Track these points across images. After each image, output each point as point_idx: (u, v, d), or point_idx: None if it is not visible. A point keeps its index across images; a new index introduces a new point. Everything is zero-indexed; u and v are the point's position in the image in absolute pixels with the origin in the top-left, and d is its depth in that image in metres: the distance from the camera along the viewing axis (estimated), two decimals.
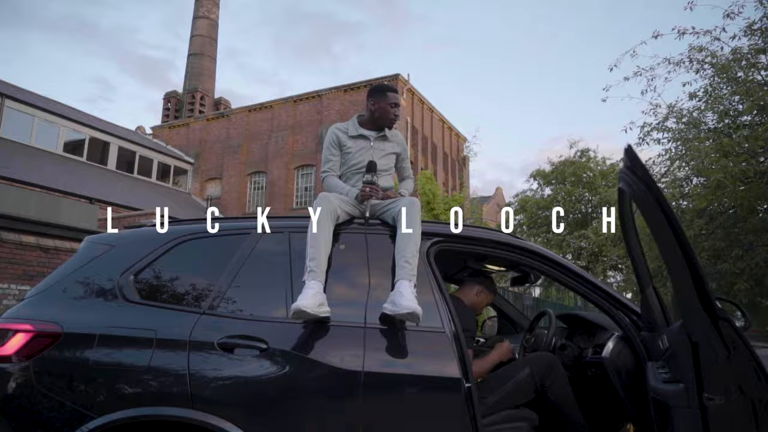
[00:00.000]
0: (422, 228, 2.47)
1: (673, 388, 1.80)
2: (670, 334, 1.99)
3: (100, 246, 2.51)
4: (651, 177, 1.79)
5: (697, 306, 1.67)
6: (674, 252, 1.71)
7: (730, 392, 1.74)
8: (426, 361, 2.23)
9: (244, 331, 2.18)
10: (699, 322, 1.68)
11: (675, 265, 1.74)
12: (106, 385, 2.08)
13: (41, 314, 2.25)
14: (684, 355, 1.78)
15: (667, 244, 1.74)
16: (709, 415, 1.73)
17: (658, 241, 1.84)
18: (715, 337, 1.69)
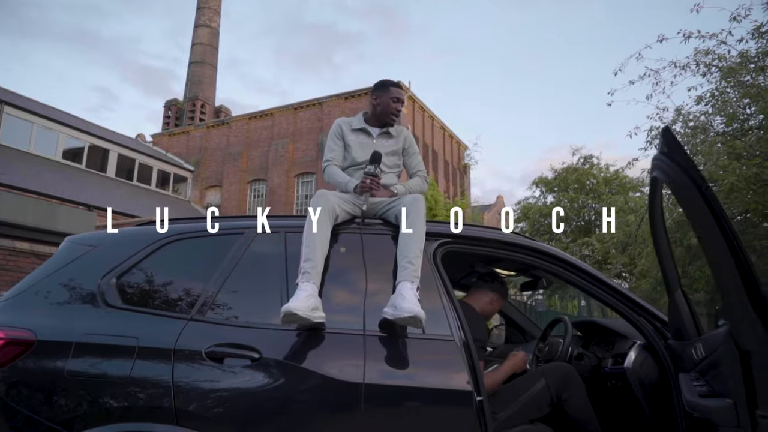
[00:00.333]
0: (429, 228, 2.29)
1: (717, 404, 1.60)
2: (709, 341, 1.79)
3: (81, 247, 2.32)
4: (693, 163, 1.60)
5: (747, 308, 1.48)
6: (720, 247, 1.52)
7: None
8: (433, 372, 2.04)
9: (234, 339, 2.00)
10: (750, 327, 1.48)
11: (721, 262, 1.54)
12: (82, 399, 1.89)
13: (14, 320, 2.06)
14: (730, 365, 1.58)
15: (711, 238, 1.55)
16: None
17: (701, 234, 1.65)
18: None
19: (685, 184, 1.58)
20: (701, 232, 1.64)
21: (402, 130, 2.89)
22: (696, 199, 1.56)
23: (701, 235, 1.66)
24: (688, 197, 1.61)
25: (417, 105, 25.45)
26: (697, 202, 1.55)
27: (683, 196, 1.65)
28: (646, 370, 2.30)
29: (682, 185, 1.61)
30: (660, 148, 1.75)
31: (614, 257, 11.48)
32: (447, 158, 28.98)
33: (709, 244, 1.59)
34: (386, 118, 2.79)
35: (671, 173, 1.65)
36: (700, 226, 1.62)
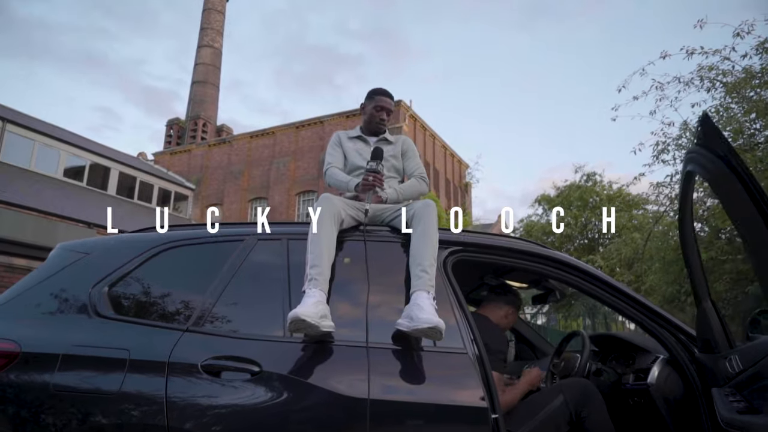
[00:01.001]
0: (439, 236, 2.17)
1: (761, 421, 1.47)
2: (747, 353, 1.65)
3: (72, 254, 2.20)
4: (736, 154, 1.48)
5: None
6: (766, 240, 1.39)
7: None
8: (445, 387, 1.91)
9: (233, 351, 1.86)
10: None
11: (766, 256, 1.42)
12: (69, 415, 1.75)
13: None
14: None
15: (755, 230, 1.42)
16: None
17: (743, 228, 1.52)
18: None
19: (725, 174, 1.46)
20: (743, 225, 1.51)
21: (401, 137, 2.83)
22: (737, 190, 1.43)
23: (742, 229, 1.54)
24: (730, 191, 1.49)
25: (418, 124, 25.50)
26: (739, 193, 1.43)
27: (723, 188, 1.53)
28: (671, 385, 2.16)
29: (722, 178, 1.49)
30: (696, 139, 1.64)
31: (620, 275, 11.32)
32: (448, 177, 28.97)
33: (753, 236, 1.46)
34: (372, 127, 2.77)
35: (708, 165, 1.53)
36: (742, 219, 1.50)
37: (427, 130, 26.49)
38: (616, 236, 13.31)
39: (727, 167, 1.45)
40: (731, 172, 1.44)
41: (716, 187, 1.58)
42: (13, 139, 19.85)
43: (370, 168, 2.43)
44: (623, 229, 13.47)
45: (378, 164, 2.43)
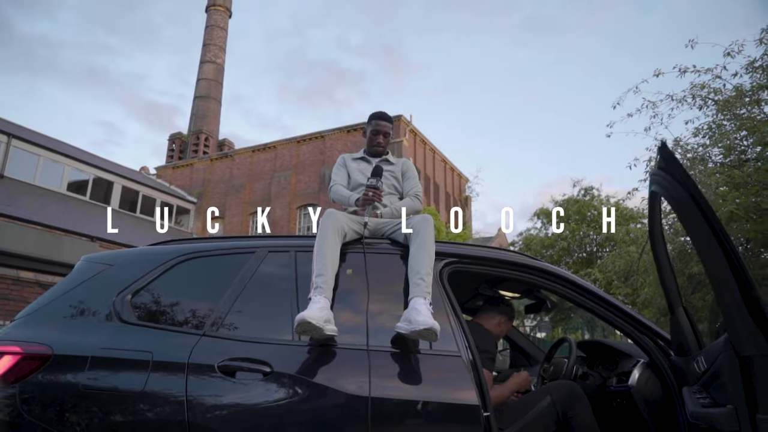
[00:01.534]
0: (436, 248, 2.36)
1: (719, 412, 1.64)
2: (709, 353, 1.83)
3: (96, 265, 2.39)
4: (689, 177, 1.68)
5: (744, 315, 1.53)
6: (718, 256, 1.58)
7: None
8: (440, 387, 2.07)
9: (247, 353, 2.04)
10: (748, 333, 1.54)
11: (719, 271, 1.61)
12: (97, 413, 1.92)
13: (31, 335, 2.11)
14: (731, 372, 1.63)
15: (709, 248, 1.61)
16: None
17: (699, 245, 1.71)
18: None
19: (683, 197, 1.66)
20: (699, 243, 1.70)
21: (402, 159, 3.04)
22: (693, 212, 1.63)
23: (699, 247, 1.73)
24: (685, 210, 1.68)
25: (418, 138, 25.78)
26: (695, 215, 1.62)
27: (681, 209, 1.72)
28: (651, 387, 2.33)
29: (679, 198, 1.69)
30: (657, 163, 1.84)
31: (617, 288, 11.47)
32: (448, 190, 29.19)
33: (707, 254, 1.65)
34: (371, 149, 2.99)
35: (669, 187, 1.73)
36: (697, 238, 1.69)
37: (427, 144, 26.76)
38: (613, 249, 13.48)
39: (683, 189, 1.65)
40: (687, 194, 1.63)
41: (676, 208, 1.77)
42: (18, 154, 20.10)
43: (370, 184, 2.62)
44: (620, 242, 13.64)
45: (378, 181, 2.62)
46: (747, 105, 8.28)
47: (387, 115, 3.01)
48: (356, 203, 2.66)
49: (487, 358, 2.46)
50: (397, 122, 23.98)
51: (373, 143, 2.96)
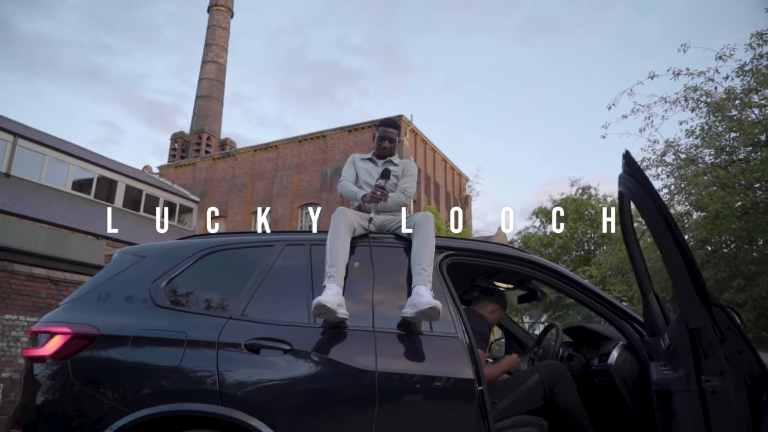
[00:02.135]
0: (436, 242, 2.63)
1: (674, 375, 1.92)
2: (670, 330, 2.11)
3: (132, 257, 2.67)
4: (648, 179, 1.96)
5: (692, 295, 1.81)
6: (671, 246, 1.87)
7: (725, 373, 1.86)
8: (439, 363, 2.34)
9: (269, 334, 2.32)
10: (695, 309, 1.82)
11: (672, 259, 1.89)
12: (140, 383, 2.20)
13: (78, 318, 2.39)
14: (683, 343, 1.91)
15: (664, 239, 1.90)
16: (706, 397, 1.85)
17: (656, 237, 2.00)
18: (710, 323, 1.83)
19: (643, 196, 1.95)
20: (656, 234, 1.99)
21: (405, 160, 3.31)
22: (651, 208, 1.91)
23: (656, 237, 2.01)
24: (645, 207, 1.97)
25: (419, 138, 26.04)
26: (653, 210, 1.91)
27: (641, 206, 2.01)
28: (628, 366, 2.60)
29: (640, 198, 1.97)
30: (623, 168, 2.12)
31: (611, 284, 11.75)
32: (449, 190, 29.45)
33: (663, 244, 1.94)
34: (378, 152, 3.26)
35: (632, 188, 2.01)
36: (655, 230, 1.97)
37: (427, 143, 27.02)
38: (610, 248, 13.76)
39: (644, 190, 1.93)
40: (646, 194, 1.92)
41: (637, 204, 2.06)
42: (23, 154, 20.39)
43: (379, 184, 2.89)
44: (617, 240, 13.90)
45: (386, 182, 2.90)
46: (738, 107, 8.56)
47: (394, 122, 3.29)
48: (363, 199, 2.92)
49: (481, 340, 2.74)
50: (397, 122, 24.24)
51: (380, 147, 3.23)
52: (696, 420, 1.93)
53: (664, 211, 1.86)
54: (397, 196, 3.07)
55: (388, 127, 3.25)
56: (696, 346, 1.86)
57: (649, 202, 1.90)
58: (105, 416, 2.14)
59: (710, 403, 1.88)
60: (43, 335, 2.36)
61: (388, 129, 3.24)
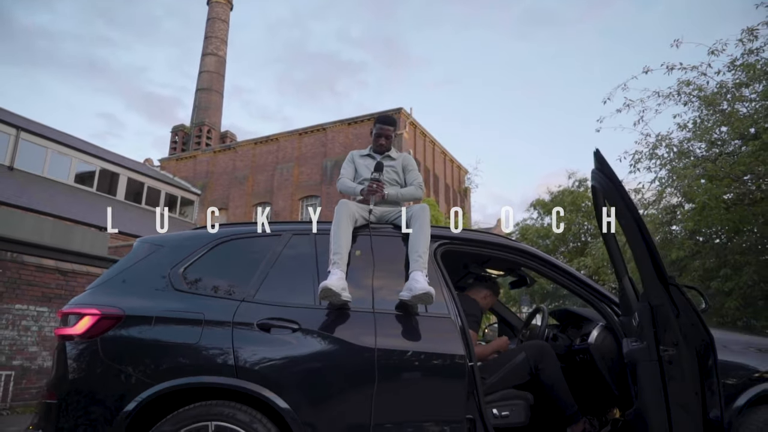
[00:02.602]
0: (431, 231, 2.86)
1: (638, 347, 2.17)
2: (639, 311, 2.36)
3: (151, 246, 2.90)
4: (615, 175, 2.20)
5: (653, 276, 2.05)
6: (635, 233, 2.11)
7: (679, 344, 2.11)
8: (434, 341, 2.58)
9: (278, 314, 2.55)
10: (655, 288, 2.06)
11: (636, 244, 2.13)
12: (162, 358, 2.44)
13: (105, 300, 2.62)
14: (645, 318, 2.16)
15: (629, 227, 2.14)
16: (664, 364, 2.10)
17: (623, 225, 2.24)
18: (668, 300, 2.08)
19: (611, 189, 2.18)
20: (623, 223, 2.22)
21: (402, 154, 3.52)
22: (618, 200, 2.15)
23: (623, 226, 2.25)
24: (614, 199, 2.20)
25: (418, 131, 26.23)
26: (620, 202, 2.14)
27: (611, 198, 2.25)
28: (606, 344, 2.85)
29: (610, 190, 2.21)
30: (595, 165, 2.36)
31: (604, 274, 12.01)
32: (448, 182, 29.67)
33: (629, 232, 2.18)
34: (375, 147, 3.48)
35: (603, 183, 2.25)
36: (622, 219, 2.21)
37: (426, 136, 27.21)
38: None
39: (613, 186, 2.17)
40: (614, 187, 2.16)
41: (606, 196, 2.30)
42: (26, 147, 20.59)
43: (373, 178, 3.12)
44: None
45: (380, 175, 3.13)
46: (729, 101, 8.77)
47: (390, 119, 3.50)
48: (361, 193, 3.15)
49: (473, 321, 2.98)
50: (396, 115, 24.44)
51: (377, 143, 3.46)
52: (655, 384, 2.19)
53: (629, 203, 2.09)
54: (415, 190, 3.35)
55: (385, 124, 3.46)
56: (656, 321, 2.11)
57: (617, 195, 2.14)
58: (131, 388, 2.37)
59: (667, 370, 2.13)
60: (73, 316, 2.59)
61: (385, 126, 3.46)
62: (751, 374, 2.58)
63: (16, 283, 8.80)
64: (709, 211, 6.86)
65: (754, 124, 7.80)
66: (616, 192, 2.15)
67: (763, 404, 2.53)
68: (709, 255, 7.99)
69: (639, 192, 9.33)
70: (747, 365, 2.61)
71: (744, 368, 2.60)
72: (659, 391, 2.14)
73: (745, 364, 2.62)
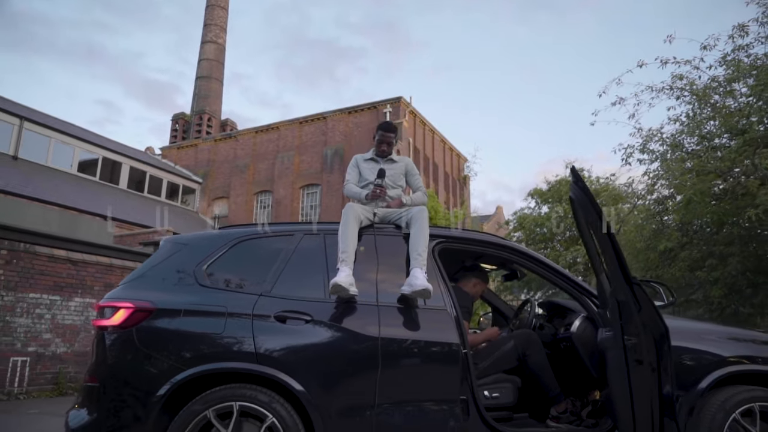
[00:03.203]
0: (429, 231, 3.17)
1: (607, 336, 2.50)
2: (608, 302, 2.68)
3: (177, 245, 3.21)
4: (588, 188, 2.51)
5: (619, 276, 2.37)
6: (605, 239, 2.42)
7: (640, 334, 2.44)
8: (431, 331, 2.90)
9: (293, 307, 2.86)
10: (621, 286, 2.38)
11: (606, 248, 2.45)
12: (192, 346, 2.75)
13: (137, 295, 2.93)
14: (613, 312, 2.48)
15: (600, 234, 2.46)
16: (627, 351, 2.44)
17: (595, 232, 2.56)
18: (631, 296, 2.40)
19: (584, 199, 2.49)
20: (594, 229, 2.54)
21: (404, 158, 3.82)
22: (591, 211, 2.46)
23: (594, 232, 2.56)
24: (586, 208, 2.52)
25: (418, 119, 26.45)
26: (592, 212, 2.46)
27: (584, 208, 2.56)
28: (587, 333, 3.17)
29: (583, 201, 2.52)
30: (572, 179, 2.67)
31: None
32: (447, 170, 29.94)
33: (599, 236, 2.49)
34: (378, 152, 3.78)
35: (578, 194, 2.56)
36: (593, 227, 2.52)
37: (426, 125, 27.43)
38: None
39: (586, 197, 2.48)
40: (587, 199, 2.47)
41: (582, 208, 2.61)
42: (30, 137, 20.81)
43: (377, 183, 3.43)
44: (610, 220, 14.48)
45: (382, 181, 3.43)
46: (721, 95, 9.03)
47: (391, 126, 3.79)
48: (366, 197, 3.45)
49: (465, 312, 3.29)
50: (396, 104, 24.68)
51: (379, 148, 3.75)
52: (620, 368, 2.53)
53: (600, 213, 2.41)
54: (423, 196, 3.73)
55: (386, 131, 3.76)
56: (621, 314, 2.43)
57: (589, 206, 2.45)
58: (164, 372, 2.69)
59: (630, 356, 2.47)
60: (109, 309, 2.90)
61: (386, 133, 3.76)
62: (715, 360, 2.91)
63: (30, 273, 9.11)
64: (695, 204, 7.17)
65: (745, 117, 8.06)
66: (589, 204, 2.47)
67: (723, 386, 2.86)
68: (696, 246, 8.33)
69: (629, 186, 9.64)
70: (713, 352, 2.94)
71: (711, 354, 2.92)
72: (624, 373, 2.49)
73: (711, 351, 2.94)
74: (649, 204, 9.23)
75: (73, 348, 9.57)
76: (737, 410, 2.75)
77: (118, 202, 21.90)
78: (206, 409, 2.62)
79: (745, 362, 2.92)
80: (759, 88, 7.80)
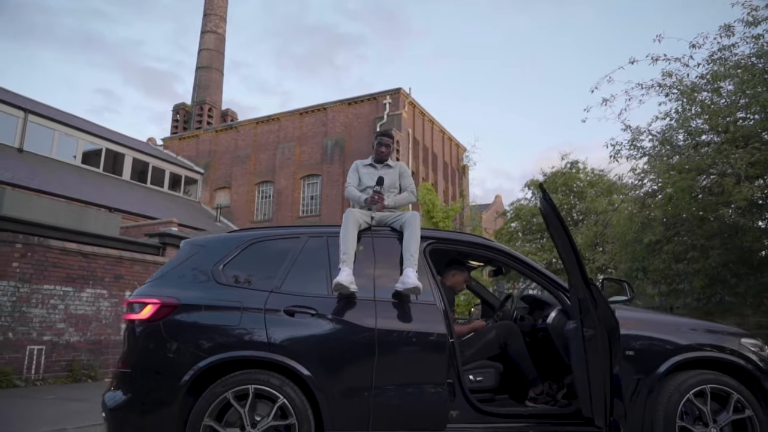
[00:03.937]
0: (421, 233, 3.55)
1: (570, 327, 2.91)
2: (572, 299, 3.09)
3: (195, 246, 3.59)
4: (554, 202, 2.92)
5: (578, 277, 2.77)
6: (567, 247, 2.82)
7: (596, 326, 2.85)
8: (422, 323, 3.29)
9: (300, 302, 3.25)
10: (580, 286, 2.78)
11: (567, 255, 2.84)
12: (212, 337, 3.15)
13: (162, 292, 3.31)
14: (574, 307, 2.89)
15: (563, 242, 2.86)
16: (585, 341, 2.85)
17: (558, 240, 2.96)
18: (588, 295, 2.81)
19: (551, 212, 2.89)
20: (558, 238, 2.94)
21: (399, 163, 4.19)
22: (555, 220, 2.85)
23: (558, 242, 2.96)
24: (552, 218, 2.91)
25: (417, 110, 26.73)
26: (557, 223, 2.85)
27: (549, 218, 2.95)
28: (561, 324, 3.56)
29: (550, 215, 2.92)
30: (541, 195, 3.07)
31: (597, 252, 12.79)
32: (446, 160, 30.27)
33: (562, 244, 2.89)
34: (377, 157, 4.14)
35: (546, 207, 2.95)
36: (557, 235, 2.92)
37: (425, 115, 27.71)
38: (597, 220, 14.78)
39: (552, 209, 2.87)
40: (553, 213, 2.86)
41: (548, 218, 3.00)
42: (34, 129, 21.11)
43: (375, 190, 3.80)
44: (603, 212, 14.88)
45: (381, 188, 3.80)
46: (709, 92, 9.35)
47: (388, 133, 4.17)
48: (365, 202, 3.83)
49: None
50: (396, 95, 24.97)
51: (378, 153, 4.12)
52: (580, 356, 2.95)
53: (563, 224, 2.82)
54: (408, 195, 4.08)
55: (384, 137, 4.13)
56: (581, 310, 2.84)
57: (555, 218, 2.86)
58: (189, 360, 3.09)
59: (587, 346, 2.88)
60: (137, 305, 3.29)
61: (385, 138, 4.13)
62: (672, 348, 3.30)
63: (44, 266, 9.51)
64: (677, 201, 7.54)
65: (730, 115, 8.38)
66: (555, 216, 2.87)
67: (679, 371, 3.27)
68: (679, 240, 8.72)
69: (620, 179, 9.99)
70: (671, 341, 3.33)
71: (669, 343, 3.31)
72: (582, 358, 2.91)
73: (670, 340, 3.33)
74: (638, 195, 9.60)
75: (86, 337, 10.01)
76: (691, 392, 3.16)
77: (121, 193, 22.28)
78: (226, 391, 3.01)
79: (699, 349, 3.32)
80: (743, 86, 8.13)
